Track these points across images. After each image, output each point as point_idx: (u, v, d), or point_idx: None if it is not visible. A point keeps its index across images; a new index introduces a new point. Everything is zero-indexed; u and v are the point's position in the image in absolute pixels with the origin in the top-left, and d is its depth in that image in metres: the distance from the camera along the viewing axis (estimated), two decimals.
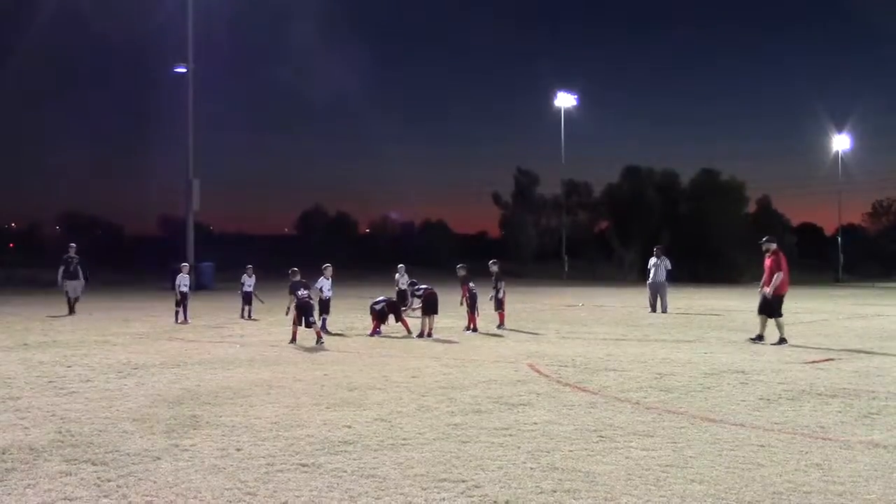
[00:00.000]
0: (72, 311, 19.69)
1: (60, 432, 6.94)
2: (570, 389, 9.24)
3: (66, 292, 19.99)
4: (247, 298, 19.03)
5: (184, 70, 35.96)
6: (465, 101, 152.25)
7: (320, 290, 16.05)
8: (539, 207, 73.21)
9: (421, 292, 15.12)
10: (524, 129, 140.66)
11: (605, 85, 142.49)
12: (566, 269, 54.52)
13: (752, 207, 70.75)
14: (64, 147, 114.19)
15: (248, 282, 19.15)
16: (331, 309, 16.43)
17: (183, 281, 18.01)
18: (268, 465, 5.90)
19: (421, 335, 14.75)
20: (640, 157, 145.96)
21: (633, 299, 27.29)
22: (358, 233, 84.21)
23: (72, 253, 20.21)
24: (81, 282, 20.23)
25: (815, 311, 22.50)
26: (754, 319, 14.87)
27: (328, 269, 16.38)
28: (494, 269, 17.09)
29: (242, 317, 18.83)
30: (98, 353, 12.49)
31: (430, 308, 14.97)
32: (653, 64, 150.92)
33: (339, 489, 5.31)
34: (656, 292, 21.89)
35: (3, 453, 6.21)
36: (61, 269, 20.12)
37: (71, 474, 5.64)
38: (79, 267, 20.08)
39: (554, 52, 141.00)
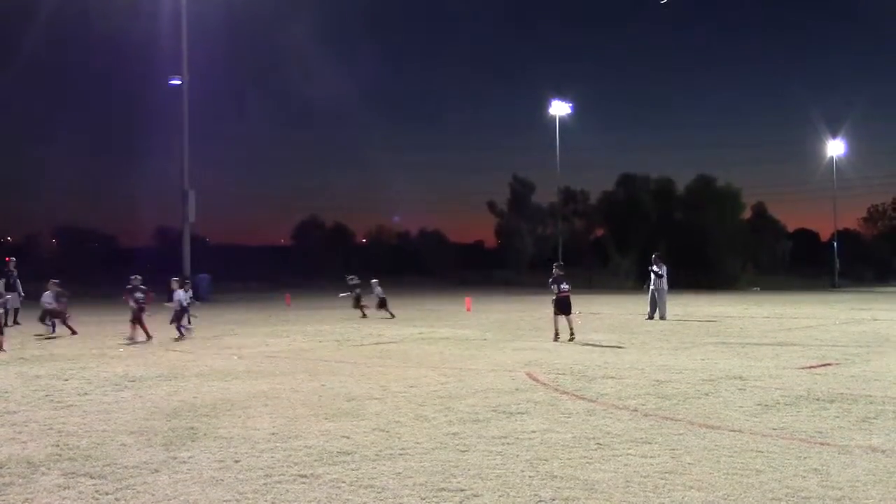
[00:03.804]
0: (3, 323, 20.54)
1: (58, 446, 6.93)
2: (567, 397, 9.24)
3: (3, 304, 20.77)
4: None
5: (178, 82, 36.04)
6: (460, 109, 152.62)
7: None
8: (535, 215, 73.34)
9: None
10: (520, 138, 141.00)
11: (600, 93, 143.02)
12: None
13: (747, 214, 71.03)
14: (59, 160, 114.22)
15: (184, 296, 19.24)
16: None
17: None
18: (266, 476, 5.89)
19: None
20: (636, 165, 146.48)
21: (630, 306, 27.30)
22: (354, 243, 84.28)
23: (11, 267, 21.60)
24: (19, 295, 21.46)
25: (811, 316, 22.54)
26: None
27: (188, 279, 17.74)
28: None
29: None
30: (95, 366, 12.47)
31: None
32: (647, 71, 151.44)
33: (338, 500, 5.31)
34: (655, 299, 21.93)
35: (1, 468, 6.19)
36: (2, 281, 21.19)
37: (69, 488, 5.63)
38: (17, 281, 21.37)
39: (549, 60, 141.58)
